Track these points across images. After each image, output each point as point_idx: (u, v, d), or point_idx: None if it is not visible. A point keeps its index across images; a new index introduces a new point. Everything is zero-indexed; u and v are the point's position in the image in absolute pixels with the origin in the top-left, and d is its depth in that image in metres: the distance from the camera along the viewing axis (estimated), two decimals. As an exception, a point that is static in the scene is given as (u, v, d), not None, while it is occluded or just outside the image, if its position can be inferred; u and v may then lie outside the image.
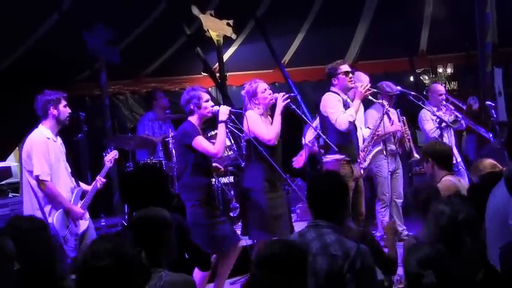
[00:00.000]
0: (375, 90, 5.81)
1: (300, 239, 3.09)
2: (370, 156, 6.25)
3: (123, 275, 2.27)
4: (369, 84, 5.57)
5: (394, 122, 6.48)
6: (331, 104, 5.37)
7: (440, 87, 7.18)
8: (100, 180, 5.04)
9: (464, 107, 7.21)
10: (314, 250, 3.00)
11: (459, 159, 6.86)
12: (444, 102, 6.89)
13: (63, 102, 4.82)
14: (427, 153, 4.44)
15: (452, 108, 6.88)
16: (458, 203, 2.91)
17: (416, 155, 6.56)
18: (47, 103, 4.75)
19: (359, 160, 5.68)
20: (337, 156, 5.29)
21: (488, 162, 4.42)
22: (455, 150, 6.88)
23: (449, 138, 6.77)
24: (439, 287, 2.41)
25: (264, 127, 4.92)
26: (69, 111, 4.86)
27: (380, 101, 6.17)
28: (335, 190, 3.15)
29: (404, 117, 6.58)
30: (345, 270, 2.92)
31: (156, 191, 3.31)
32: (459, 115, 6.88)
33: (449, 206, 2.87)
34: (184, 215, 4.67)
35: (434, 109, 6.81)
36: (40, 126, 4.80)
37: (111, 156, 5.23)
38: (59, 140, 4.88)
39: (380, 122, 6.19)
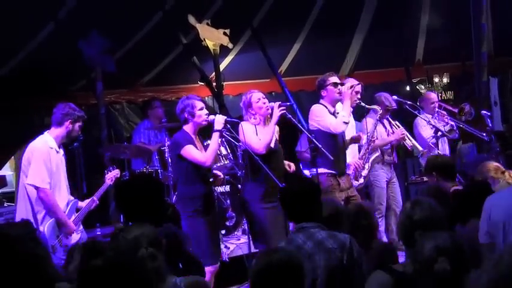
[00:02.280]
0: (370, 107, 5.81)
1: (290, 245, 3.11)
2: (369, 162, 6.24)
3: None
4: (353, 84, 5.60)
5: (394, 131, 6.48)
6: (319, 113, 5.42)
7: (432, 95, 7.25)
8: (94, 201, 5.04)
9: (456, 110, 7.23)
10: (309, 250, 3.03)
11: None
12: (437, 109, 6.95)
13: (80, 123, 4.85)
14: (430, 168, 4.44)
15: (445, 114, 6.91)
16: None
17: (421, 149, 6.57)
18: (68, 115, 4.76)
19: (348, 172, 5.70)
20: (323, 170, 5.31)
21: (492, 165, 4.45)
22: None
23: (443, 146, 6.83)
24: (451, 275, 2.40)
25: (255, 137, 4.92)
26: (79, 132, 4.87)
27: (374, 106, 6.17)
28: (305, 191, 3.24)
29: (396, 122, 6.60)
30: (345, 260, 2.97)
31: (150, 201, 3.28)
32: (453, 124, 6.90)
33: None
34: (179, 225, 4.66)
35: (429, 116, 6.87)
36: (45, 133, 4.77)
37: (112, 175, 5.25)
38: (61, 151, 4.86)
39: (374, 128, 6.19)
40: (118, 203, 3.55)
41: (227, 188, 7.08)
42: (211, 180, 5.11)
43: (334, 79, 5.50)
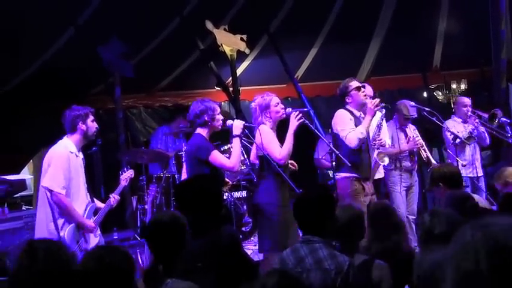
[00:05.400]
0: (385, 104, 5.73)
1: (294, 254, 3.14)
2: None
3: None
4: (378, 100, 5.50)
5: (412, 138, 6.43)
6: (341, 121, 5.33)
7: (466, 100, 7.16)
8: (114, 197, 5.04)
9: (487, 115, 7.14)
10: (308, 266, 3.05)
11: (481, 174, 6.81)
12: (469, 114, 6.88)
13: (91, 117, 4.83)
14: (436, 179, 4.37)
15: (477, 119, 6.84)
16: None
17: (434, 162, 6.52)
18: (76, 118, 4.75)
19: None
20: (348, 174, 5.26)
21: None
22: (478, 164, 6.84)
23: (472, 151, 6.76)
24: None
25: (277, 145, 4.90)
26: (97, 126, 4.85)
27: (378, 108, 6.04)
28: (319, 203, 3.17)
29: (414, 127, 6.56)
30: (338, 284, 2.97)
31: (216, 200, 3.33)
32: (483, 128, 6.82)
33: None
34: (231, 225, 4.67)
35: (459, 120, 6.83)
36: (65, 138, 4.77)
37: (126, 175, 5.23)
38: (81, 155, 4.88)
39: (379, 131, 6.09)
40: (179, 202, 3.55)
41: (243, 193, 7.08)
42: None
43: (356, 83, 5.46)
